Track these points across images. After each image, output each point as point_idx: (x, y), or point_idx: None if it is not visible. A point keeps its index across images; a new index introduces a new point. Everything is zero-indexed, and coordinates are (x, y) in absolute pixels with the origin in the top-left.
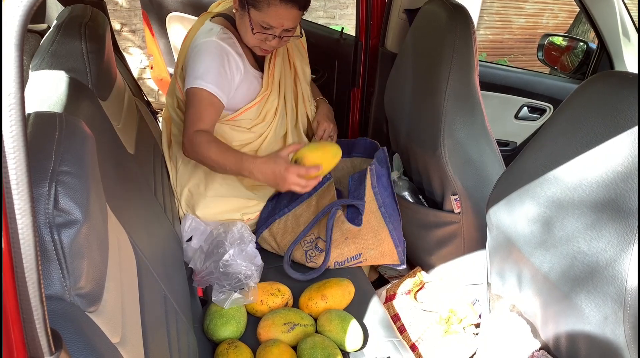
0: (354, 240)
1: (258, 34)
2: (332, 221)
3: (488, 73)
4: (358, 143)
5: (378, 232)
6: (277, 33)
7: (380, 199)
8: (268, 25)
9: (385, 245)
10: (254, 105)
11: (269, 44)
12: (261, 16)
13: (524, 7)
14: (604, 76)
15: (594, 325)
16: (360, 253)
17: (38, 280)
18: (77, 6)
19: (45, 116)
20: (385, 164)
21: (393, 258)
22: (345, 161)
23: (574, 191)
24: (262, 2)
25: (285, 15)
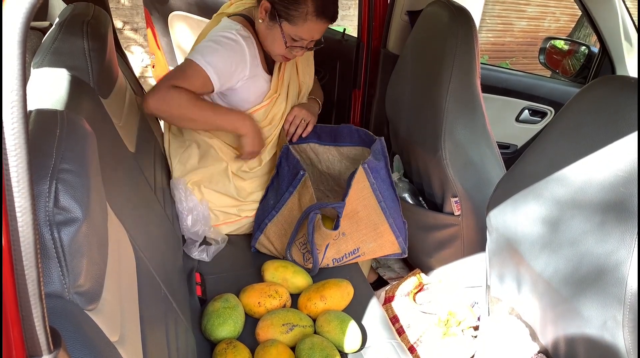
0: (351, 235)
1: (291, 46)
2: (312, 225)
3: (489, 76)
4: (341, 130)
5: (377, 225)
6: (305, 44)
7: (380, 195)
8: (300, 38)
9: (385, 236)
10: (262, 107)
11: (294, 53)
12: (294, 30)
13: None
14: (605, 80)
15: (594, 329)
16: (357, 247)
17: (37, 277)
18: (79, 4)
19: (47, 114)
20: (383, 156)
21: (394, 248)
22: (331, 149)
23: (577, 193)
24: (297, 18)
25: (318, 29)
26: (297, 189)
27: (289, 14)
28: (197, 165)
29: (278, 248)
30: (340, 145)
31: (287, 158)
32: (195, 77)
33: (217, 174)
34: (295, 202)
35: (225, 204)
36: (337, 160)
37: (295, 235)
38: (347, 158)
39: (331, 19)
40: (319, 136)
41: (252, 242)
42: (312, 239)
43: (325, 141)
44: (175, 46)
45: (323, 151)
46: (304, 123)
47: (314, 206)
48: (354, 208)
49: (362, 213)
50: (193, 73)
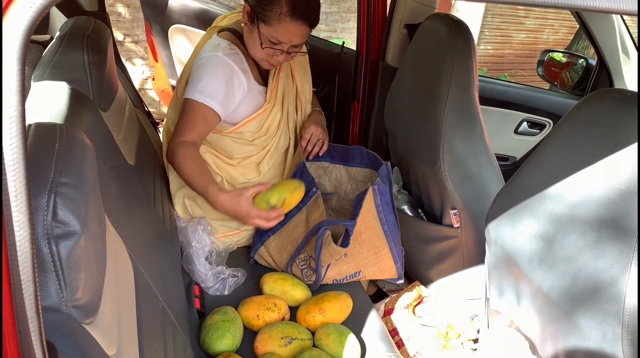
0: (354, 258)
1: (266, 48)
2: (321, 241)
3: (488, 88)
4: (353, 151)
5: (379, 249)
6: (285, 48)
7: (384, 218)
8: (277, 40)
9: (385, 261)
10: (255, 117)
11: (276, 58)
12: (270, 31)
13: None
14: (603, 93)
15: (593, 343)
16: (359, 270)
17: (35, 292)
18: (80, 18)
19: (46, 127)
20: (388, 180)
21: (391, 273)
22: (340, 169)
23: (574, 208)
24: (272, 18)
25: (294, 31)
26: (306, 206)
27: (264, 15)
28: None
29: (277, 261)
30: (350, 165)
31: (302, 175)
32: (199, 117)
33: None
34: (302, 218)
35: (224, 218)
36: (345, 180)
37: (300, 250)
38: (355, 179)
39: (309, 22)
40: (332, 154)
41: (251, 253)
42: (318, 254)
43: (337, 160)
44: (175, 59)
45: (333, 169)
46: (320, 142)
47: (325, 222)
48: (358, 228)
49: (364, 234)
50: (196, 114)
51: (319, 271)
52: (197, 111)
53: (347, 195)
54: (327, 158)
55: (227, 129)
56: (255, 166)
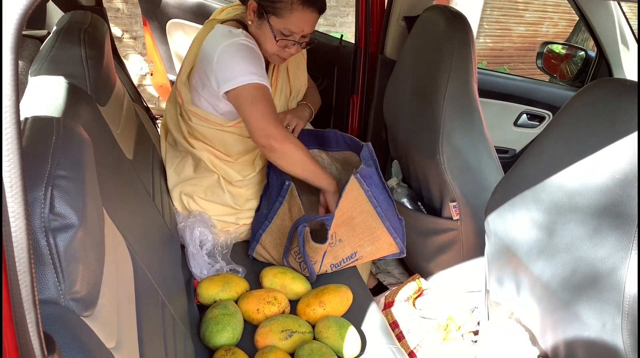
0: (348, 241)
1: (280, 40)
2: (302, 238)
3: (487, 80)
4: (328, 135)
5: (374, 229)
6: (297, 39)
7: (375, 200)
8: (289, 31)
9: (383, 239)
10: None
11: (288, 51)
12: (283, 23)
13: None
14: (602, 82)
15: (593, 333)
16: (355, 251)
17: (31, 283)
18: (76, 12)
19: (43, 121)
20: (372, 160)
21: (392, 249)
22: (321, 153)
23: (574, 198)
24: (283, 9)
25: (306, 19)
26: (285, 199)
27: (275, 8)
28: (190, 175)
29: (275, 256)
30: (327, 150)
31: (274, 166)
32: (270, 98)
33: (210, 185)
34: (286, 211)
35: (222, 213)
36: (327, 163)
37: (289, 245)
38: (337, 161)
39: (319, 9)
40: (306, 140)
41: (249, 251)
42: (303, 251)
43: (312, 145)
44: (173, 54)
45: (313, 155)
46: (290, 128)
47: (301, 220)
48: (350, 215)
49: (357, 219)
50: (267, 95)
51: (310, 267)
52: (266, 92)
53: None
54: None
55: (228, 123)
56: (251, 163)
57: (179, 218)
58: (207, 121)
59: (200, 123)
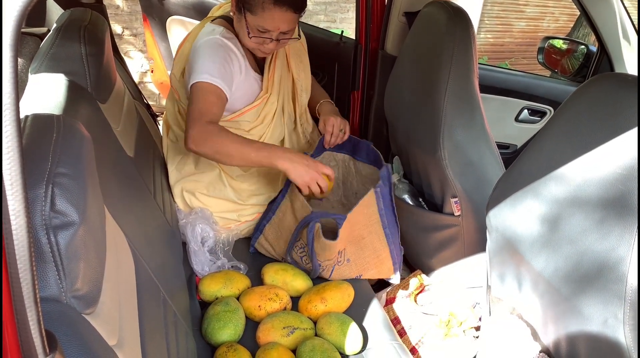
0: (356, 263)
1: (254, 37)
2: (312, 234)
3: (488, 76)
4: (361, 146)
5: (380, 252)
6: (273, 36)
7: (385, 221)
8: (264, 29)
9: (385, 263)
10: (253, 107)
11: (266, 46)
12: (257, 20)
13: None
14: (603, 77)
15: (595, 327)
16: (360, 274)
17: (32, 280)
18: (76, 9)
19: (43, 118)
20: (388, 182)
21: (389, 274)
22: (350, 161)
23: (576, 191)
24: (256, 7)
25: (280, 18)
26: (288, 194)
27: (249, 4)
28: (192, 171)
29: (276, 249)
30: (356, 158)
31: None
32: (213, 98)
33: (212, 180)
34: (288, 206)
35: (224, 210)
36: (352, 172)
37: (294, 240)
38: (359, 174)
39: (293, 8)
40: (344, 145)
41: (252, 241)
42: (312, 247)
43: (346, 151)
44: (174, 50)
45: (342, 158)
46: (342, 133)
47: (313, 215)
48: (360, 233)
49: (367, 239)
50: (207, 95)
51: (315, 263)
52: (209, 92)
53: (352, 187)
54: (336, 147)
55: (225, 117)
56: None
57: (180, 215)
58: None
59: None
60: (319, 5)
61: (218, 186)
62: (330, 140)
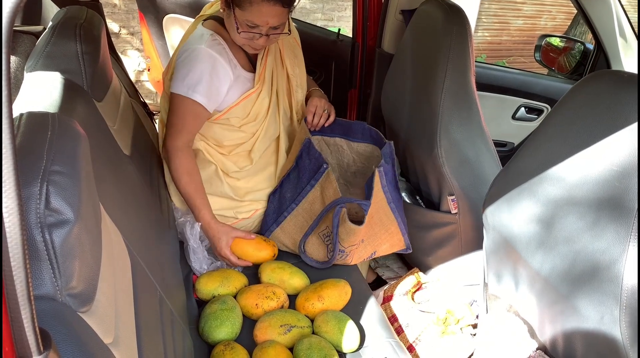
0: (370, 241)
1: (244, 32)
2: (338, 219)
3: (485, 74)
4: (355, 127)
5: (388, 227)
6: (263, 31)
7: (390, 196)
8: (253, 23)
9: (396, 236)
10: (239, 102)
11: (256, 42)
12: (245, 15)
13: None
14: (600, 74)
15: (591, 325)
16: (375, 251)
17: (26, 278)
18: (72, 7)
19: (38, 116)
20: (391, 159)
21: (401, 245)
22: (342, 142)
23: (572, 190)
24: (244, 1)
25: (269, 12)
26: (319, 183)
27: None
28: None
29: (297, 240)
30: (351, 140)
31: (309, 151)
32: (190, 115)
33: (209, 177)
34: (317, 195)
35: (221, 207)
36: (347, 153)
37: (314, 227)
38: (356, 152)
39: (282, 1)
40: (332, 128)
41: (265, 234)
42: (336, 231)
43: (337, 134)
44: (170, 49)
45: (334, 142)
46: (326, 114)
47: (341, 200)
48: (370, 212)
49: (375, 217)
50: (186, 112)
51: (336, 247)
52: (186, 108)
53: (350, 167)
54: (327, 131)
55: (214, 115)
56: (247, 155)
57: (177, 214)
58: None
59: None
60: (316, 3)
61: (215, 183)
62: (314, 120)
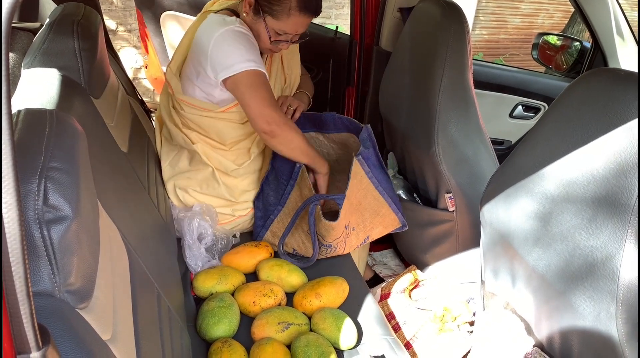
0: (361, 228)
1: (274, 41)
2: (313, 218)
3: (483, 72)
4: (325, 118)
5: (379, 210)
6: (289, 38)
7: (376, 180)
8: (284, 32)
9: (388, 216)
10: None
11: (280, 46)
12: (278, 25)
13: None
14: (597, 72)
15: (588, 322)
16: (367, 235)
17: (25, 274)
18: (69, 4)
19: (36, 113)
20: (371, 141)
21: (395, 224)
22: (317, 135)
23: (569, 188)
24: (281, 13)
25: (302, 23)
26: (297, 182)
27: (272, 9)
28: (186, 168)
29: (289, 241)
30: (324, 132)
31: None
32: (268, 85)
33: (205, 178)
34: (297, 195)
35: (217, 205)
36: (324, 145)
37: (291, 228)
38: (334, 142)
39: (315, 13)
40: (303, 123)
41: (256, 240)
42: (313, 231)
43: (308, 128)
44: (168, 46)
45: (309, 136)
46: (291, 109)
47: (312, 198)
48: (358, 200)
49: (364, 203)
50: (264, 82)
51: (315, 246)
52: (263, 79)
53: (331, 156)
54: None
55: (218, 108)
56: (246, 151)
57: (175, 211)
58: (198, 108)
59: (192, 111)
60: None
61: (211, 184)
62: None
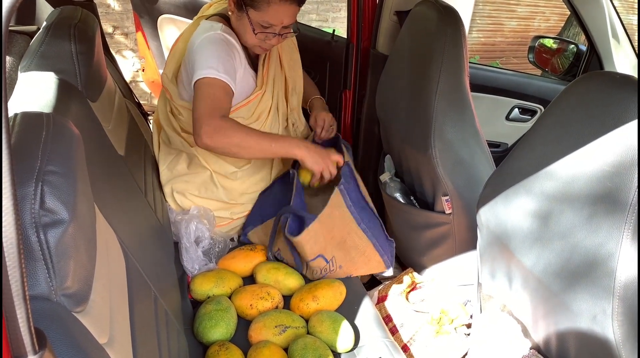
0: (347, 266)
1: (259, 33)
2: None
3: (479, 75)
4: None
5: (364, 250)
6: (276, 31)
7: (358, 217)
8: (268, 24)
9: (373, 258)
10: (247, 103)
11: (268, 42)
12: (261, 16)
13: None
14: (592, 75)
15: (584, 323)
16: (350, 274)
17: (21, 278)
18: (66, 7)
19: (32, 116)
20: (353, 179)
21: (380, 267)
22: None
23: (564, 189)
24: (261, 2)
25: (284, 12)
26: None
27: (252, 1)
28: (184, 171)
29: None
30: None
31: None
32: (220, 93)
33: (204, 182)
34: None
35: (215, 208)
36: None
37: (274, 234)
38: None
39: (298, 1)
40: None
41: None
42: (289, 241)
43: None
44: (165, 49)
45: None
46: (332, 129)
47: (285, 209)
48: (342, 236)
49: (348, 241)
50: (215, 90)
51: (295, 257)
52: (217, 87)
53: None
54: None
55: None
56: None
57: (172, 214)
58: None
59: (190, 116)
60: (311, 4)
61: (210, 188)
62: (322, 134)
